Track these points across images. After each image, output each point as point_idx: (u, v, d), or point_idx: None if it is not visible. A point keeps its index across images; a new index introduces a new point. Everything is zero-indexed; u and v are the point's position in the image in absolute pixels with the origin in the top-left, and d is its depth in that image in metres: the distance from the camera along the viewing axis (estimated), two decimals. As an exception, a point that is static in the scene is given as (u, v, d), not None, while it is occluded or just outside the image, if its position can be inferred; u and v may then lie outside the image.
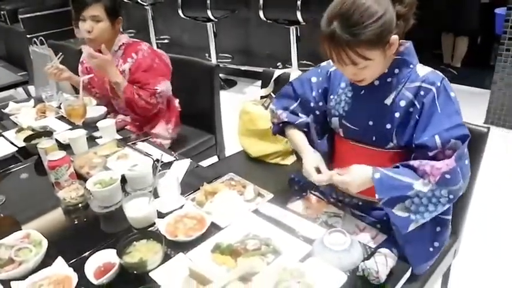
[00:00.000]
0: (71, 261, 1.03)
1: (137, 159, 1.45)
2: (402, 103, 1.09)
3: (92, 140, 1.68)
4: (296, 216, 1.13)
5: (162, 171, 1.27)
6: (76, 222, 1.26)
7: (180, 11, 4.14)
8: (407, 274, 0.96)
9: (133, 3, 4.97)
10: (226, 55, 4.56)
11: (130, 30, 5.78)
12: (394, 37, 1.02)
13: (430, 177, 1.00)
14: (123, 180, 1.32)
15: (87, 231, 1.22)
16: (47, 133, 1.65)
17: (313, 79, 1.29)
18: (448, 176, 1.00)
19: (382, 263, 0.92)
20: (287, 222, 1.10)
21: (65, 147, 1.60)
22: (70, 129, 1.76)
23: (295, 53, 3.78)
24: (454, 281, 1.53)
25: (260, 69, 2.12)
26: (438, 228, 1.14)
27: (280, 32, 3.78)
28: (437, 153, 1.03)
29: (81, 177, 1.39)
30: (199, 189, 1.25)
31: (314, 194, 1.33)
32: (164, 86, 1.90)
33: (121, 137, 1.69)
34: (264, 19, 3.67)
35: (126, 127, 1.87)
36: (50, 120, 1.90)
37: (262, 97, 2.01)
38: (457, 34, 4.07)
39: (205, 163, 2.18)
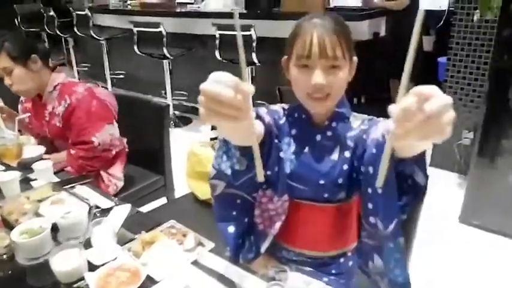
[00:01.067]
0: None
1: (73, 204, 1.36)
2: (347, 154, 1.09)
3: (26, 183, 1.57)
4: (237, 268, 1.09)
5: (97, 219, 1.20)
6: (1, 274, 1.15)
7: (135, 47, 4.14)
8: (347, 329, 0.94)
9: (88, 37, 4.92)
10: (181, 92, 4.58)
11: (84, 64, 5.70)
12: (355, 59, 1.07)
13: None
14: (56, 228, 1.24)
15: (12, 284, 1.11)
16: (-25, 175, 1.54)
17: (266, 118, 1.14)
18: None
19: (321, 319, 0.89)
20: (227, 274, 1.06)
21: (-5, 190, 1.50)
22: (3, 170, 1.64)
23: (250, 93, 3.84)
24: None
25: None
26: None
27: (236, 71, 3.80)
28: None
29: (9, 225, 1.28)
30: (135, 238, 1.18)
31: None
32: (104, 133, 1.84)
33: (58, 180, 1.59)
34: (220, 59, 3.72)
35: (66, 169, 1.78)
36: (-18, 160, 1.77)
37: (211, 139, 2.00)
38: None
39: (153, 205, 2.12)
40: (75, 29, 4.98)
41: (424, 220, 1.36)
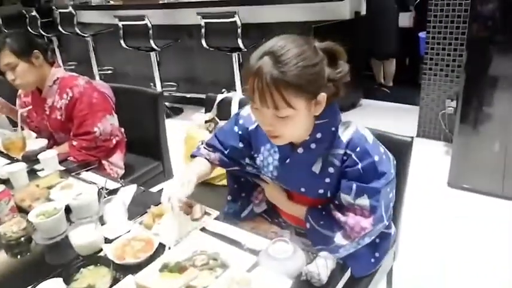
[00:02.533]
0: (16, 295, 1.00)
1: (82, 188, 1.43)
2: (331, 170, 1.08)
3: (33, 173, 1.63)
4: (242, 231, 1.17)
5: (107, 198, 1.28)
6: (19, 256, 1.22)
7: (122, 42, 4.16)
8: (347, 274, 1.03)
9: (73, 35, 4.91)
10: (171, 83, 4.61)
11: (70, 63, 5.69)
12: (323, 95, 0.98)
13: (351, 235, 1.08)
14: (68, 210, 1.31)
15: (32, 264, 1.19)
16: (-17, 168, 1.60)
17: (236, 128, 1.25)
18: (366, 236, 1.08)
19: (323, 265, 0.98)
20: (234, 236, 1.15)
21: (4, 182, 1.56)
22: (9, 163, 1.70)
23: (238, 78, 3.90)
24: (398, 281, 1.63)
25: (204, 96, 2.18)
26: (378, 240, 1.19)
27: (223, 58, 3.89)
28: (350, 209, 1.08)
29: (23, 211, 1.34)
30: (146, 212, 1.26)
31: (260, 215, 1.39)
32: (106, 123, 1.90)
33: (64, 168, 1.66)
34: (207, 47, 3.77)
35: (69, 158, 1.84)
36: (-14, 156, 1.83)
37: (206, 121, 2.08)
38: (382, 58, 4.41)
39: (154, 190, 2.18)
40: (60, 28, 4.95)
41: (413, 187, 1.46)
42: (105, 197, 1.33)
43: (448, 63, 3.10)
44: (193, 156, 1.34)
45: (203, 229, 1.19)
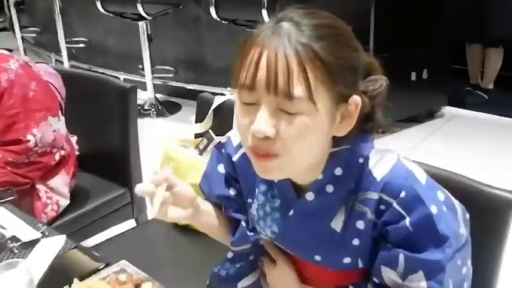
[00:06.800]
0: None
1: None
2: (360, 225, 0.99)
3: None
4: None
5: (9, 261, 1.15)
6: None
7: (98, 4, 4.16)
8: None
9: (36, -8, 4.95)
10: (166, 67, 4.60)
11: (31, 29, 5.77)
12: (356, 99, 0.90)
13: None
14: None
15: None
16: None
17: (220, 167, 1.20)
18: None
19: None
20: None
21: None
22: None
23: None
24: None
25: (213, 89, 2.06)
26: None
27: (240, 35, 3.78)
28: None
29: None
30: (66, 290, 1.14)
31: None
32: (46, 128, 1.84)
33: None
34: (217, 19, 3.72)
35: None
36: None
37: (196, 135, 1.97)
38: (486, 45, 4.22)
39: (114, 231, 2.09)
40: (19, -19, 5.01)
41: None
42: (12, 251, 1.20)
43: None
44: None
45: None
